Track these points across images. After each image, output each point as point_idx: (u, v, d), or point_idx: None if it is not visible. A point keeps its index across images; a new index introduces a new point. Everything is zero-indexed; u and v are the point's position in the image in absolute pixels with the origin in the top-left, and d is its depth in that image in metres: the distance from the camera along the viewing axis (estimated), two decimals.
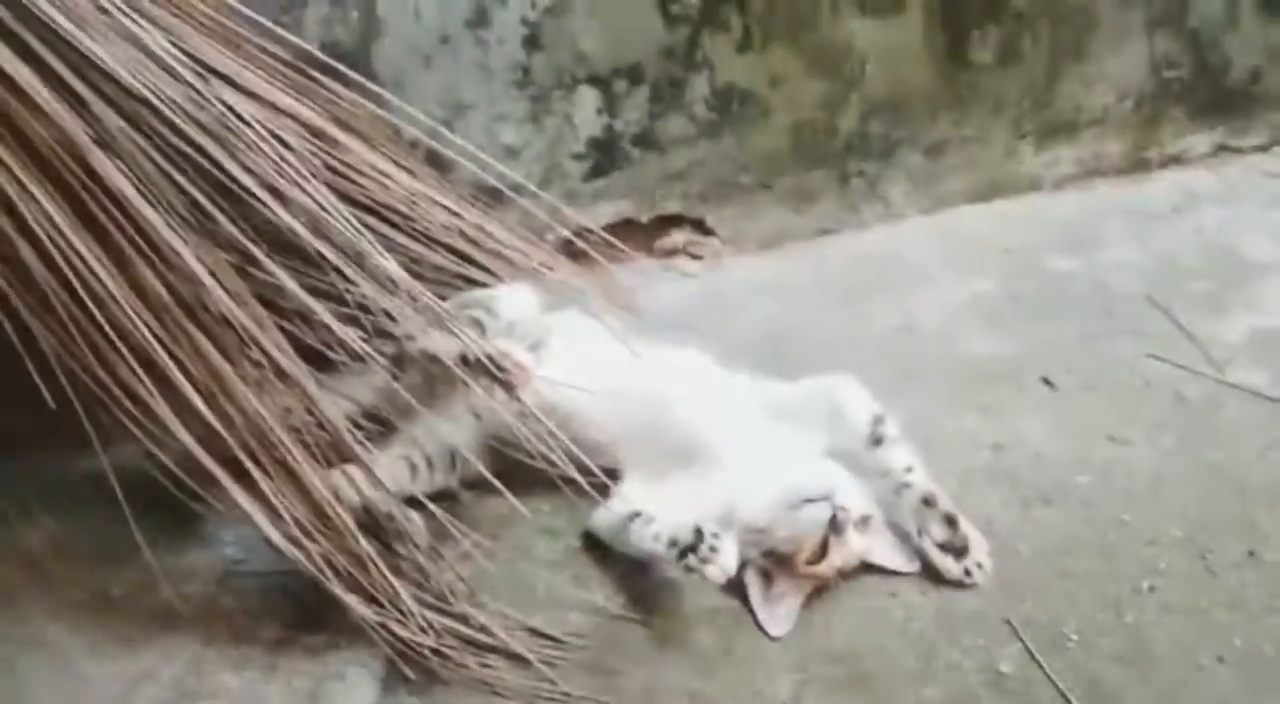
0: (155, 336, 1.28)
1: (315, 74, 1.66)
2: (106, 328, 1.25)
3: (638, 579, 1.49)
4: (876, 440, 1.56)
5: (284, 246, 1.46)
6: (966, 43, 2.25)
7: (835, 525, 1.43)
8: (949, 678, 1.36)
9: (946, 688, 1.35)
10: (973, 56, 2.27)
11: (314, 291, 1.48)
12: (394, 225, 1.73)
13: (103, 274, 1.25)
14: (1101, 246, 2.28)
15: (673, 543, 1.41)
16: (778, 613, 1.45)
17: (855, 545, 1.46)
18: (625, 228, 2.14)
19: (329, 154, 1.61)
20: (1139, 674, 1.35)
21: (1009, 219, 2.40)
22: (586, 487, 1.48)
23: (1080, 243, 2.29)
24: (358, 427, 1.55)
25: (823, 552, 1.43)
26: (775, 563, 1.46)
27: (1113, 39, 2.36)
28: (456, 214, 1.80)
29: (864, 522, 1.48)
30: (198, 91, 1.33)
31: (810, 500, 1.45)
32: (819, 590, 1.47)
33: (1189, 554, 1.53)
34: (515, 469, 1.55)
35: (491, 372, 1.51)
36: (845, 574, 1.48)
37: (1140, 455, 1.71)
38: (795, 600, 1.45)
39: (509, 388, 1.52)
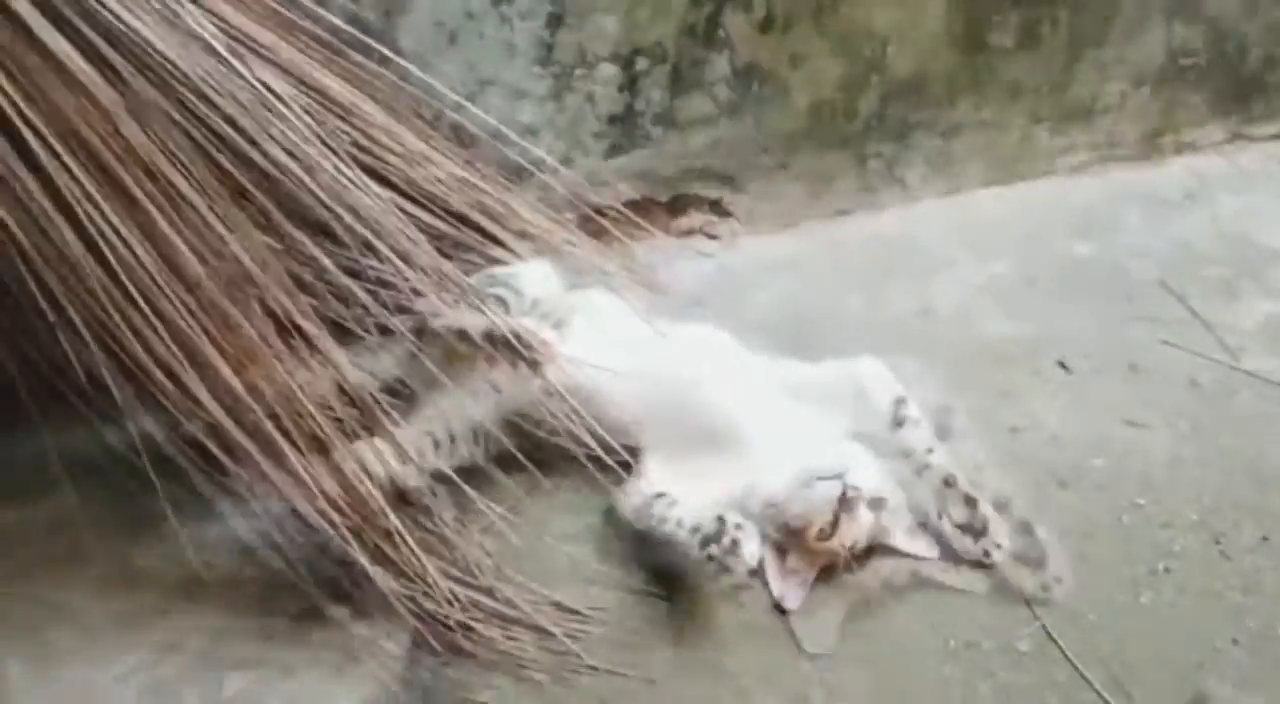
0: (186, 308, 1.28)
1: (342, 48, 1.66)
2: (137, 298, 1.25)
3: (660, 556, 1.50)
4: (899, 422, 1.57)
5: (309, 221, 1.46)
6: (986, 27, 2.24)
7: (845, 502, 1.44)
8: (969, 655, 1.38)
9: (967, 666, 1.37)
10: (992, 41, 2.26)
11: (337, 267, 1.49)
12: (418, 201, 1.73)
13: (134, 244, 1.25)
14: (1117, 232, 2.29)
15: (695, 530, 1.43)
16: (791, 587, 1.47)
17: (866, 524, 1.47)
18: (643, 206, 2.13)
19: (357, 129, 1.61)
20: (1155, 654, 1.37)
21: (1025, 203, 2.40)
22: (610, 464, 1.50)
23: (1096, 228, 2.30)
24: (377, 402, 1.56)
25: (833, 528, 1.45)
26: (789, 538, 1.48)
27: (1131, 26, 2.35)
28: (480, 190, 1.80)
29: (878, 502, 1.49)
30: (230, 64, 1.33)
31: (823, 478, 1.47)
32: (832, 568, 1.49)
33: (1204, 538, 1.55)
34: (536, 446, 1.57)
35: (517, 349, 1.52)
36: (859, 555, 1.49)
37: (1156, 440, 1.73)
38: (808, 576, 1.47)
39: (534, 365, 1.53)
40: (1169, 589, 1.47)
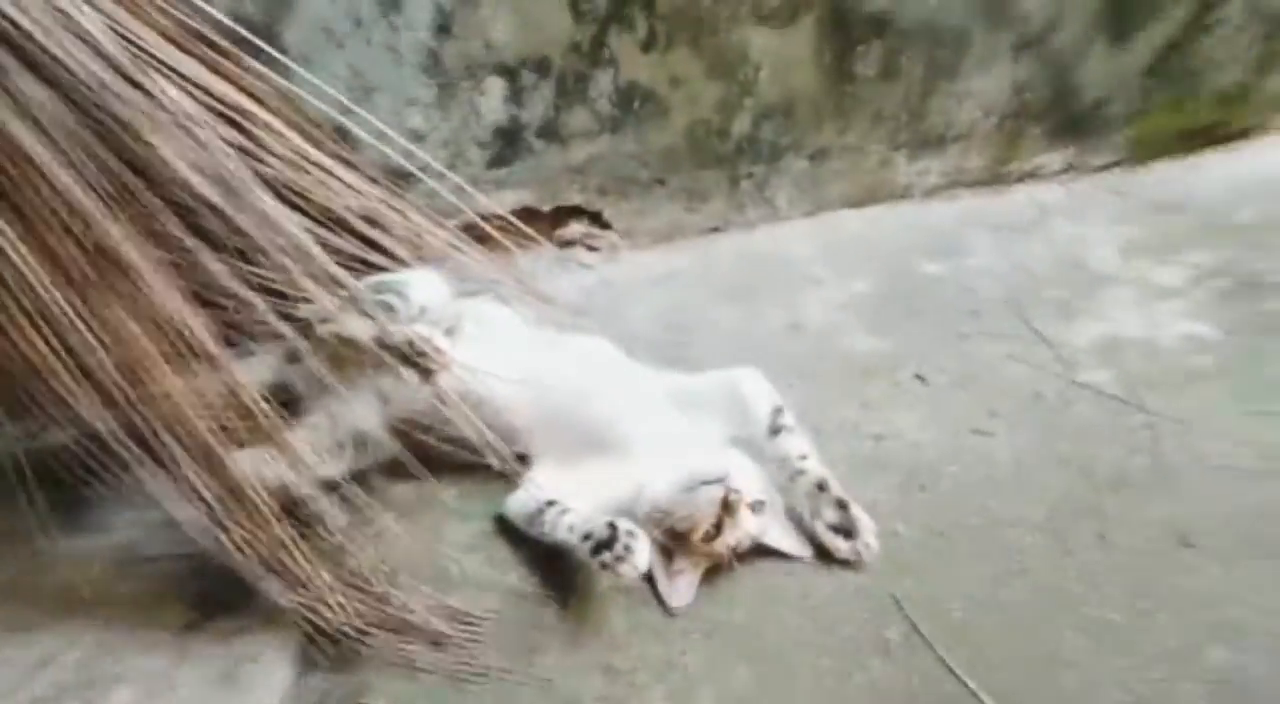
0: (72, 312, 1.24)
1: (226, 46, 1.63)
2: (23, 301, 1.21)
3: (550, 561, 1.54)
4: (775, 430, 1.65)
5: (195, 225, 1.44)
6: (852, 56, 2.38)
7: (728, 505, 1.51)
8: (843, 648, 1.47)
9: (841, 657, 1.45)
10: (857, 70, 2.40)
11: (222, 270, 1.46)
12: (303, 204, 1.71)
13: (20, 247, 1.21)
14: (966, 254, 2.47)
15: (586, 537, 1.47)
16: (678, 587, 1.53)
17: (748, 525, 1.55)
18: (525, 217, 2.17)
19: (244, 132, 1.58)
20: (1009, 642, 1.49)
21: (883, 225, 2.56)
22: (500, 470, 1.53)
23: (948, 250, 2.47)
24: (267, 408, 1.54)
25: (716, 530, 1.51)
26: (674, 540, 1.54)
27: (982, 60, 2.54)
28: (363, 194, 1.80)
29: (758, 505, 1.57)
30: (120, 65, 1.29)
31: (706, 483, 1.53)
32: (716, 568, 1.56)
33: (1048, 536, 1.68)
34: (423, 453, 1.58)
35: (408, 355, 1.53)
36: (740, 554, 1.56)
37: (1002, 446, 1.87)
38: (694, 576, 1.54)
39: (425, 373, 1.54)
40: (1019, 584, 1.59)
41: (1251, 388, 2.04)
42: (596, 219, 2.29)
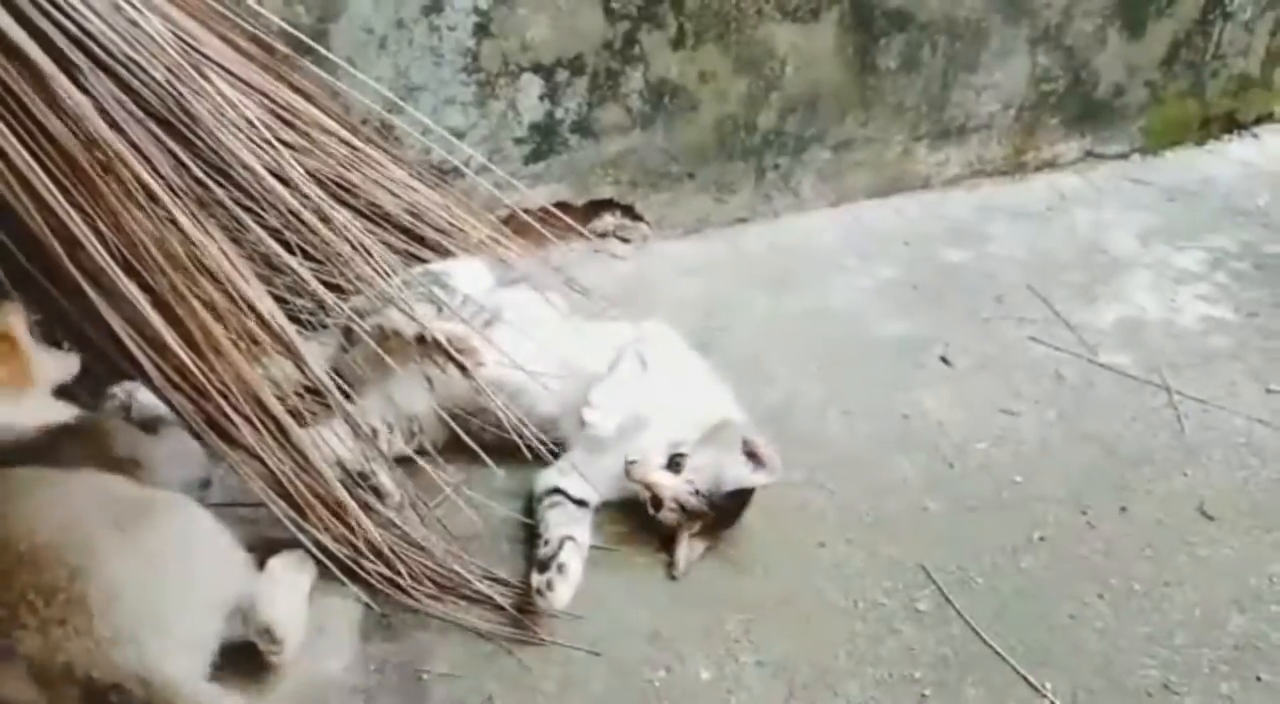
0: (149, 296, 1.32)
1: (279, 47, 1.71)
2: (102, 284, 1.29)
3: (592, 533, 1.61)
4: None
5: (261, 220, 1.51)
6: (874, 50, 2.44)
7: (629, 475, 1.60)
8: (876, 614, 1.54)
9: (874, 623, 1.52)
10: (879, 63, 2.47)
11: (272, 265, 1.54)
12: (352, 197, 1.79)
13: (97, 230, 1.29)
14: (988, 241, 2.53)
15: (545, 543, 1.52)
16: (678, 556, 1.59)
17: (671, 484, 1.59)
18: (559, 210, 2.23)
19: (297, 131, 1.66)
20: (1034, 609, 1.56)
21: (905, 214, 2.62)
22: (542, 454, 1.60)
23: (969, 237, 2.53)
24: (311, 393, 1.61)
25: (655, 504, 1.59)
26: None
27: (1000, 53, 2.60)
28: (408, 189, 1.87)
29: (676, 460, 1.61)
30: (184, 67, 1.37)
31: (629, 462, 1.61)
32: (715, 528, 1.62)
33: (1072, 509, 1.75)
34: (472, 435, 1.64)
35: (448, 351, 1.59)
36: (720, 507, 1.60)
37: (1027, 425, 1.94)
38: (687, 545, 1.60)
39: (462, 369, 1.61)
40: (1045, 554, 1.66)
41: (1270, 368, 2.10)
42: (628, 211, 2.36)
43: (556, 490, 1.62)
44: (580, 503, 1.62)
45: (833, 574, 1.60)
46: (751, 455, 1.60)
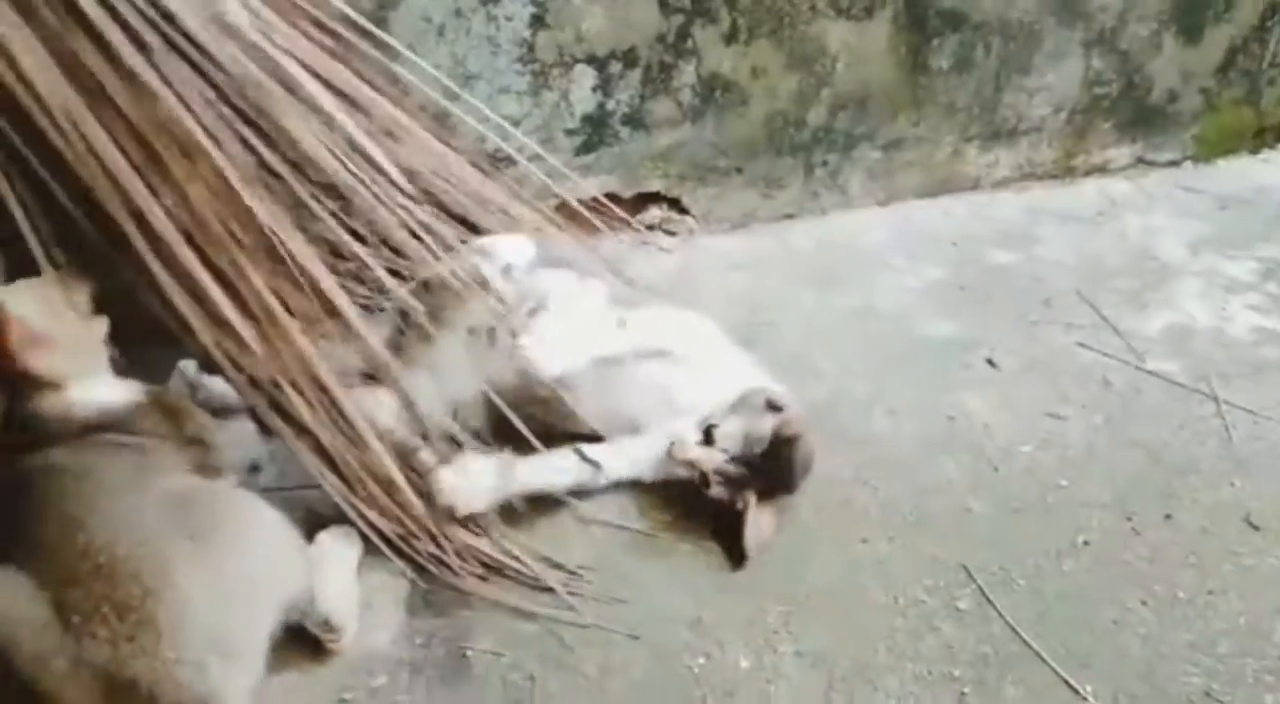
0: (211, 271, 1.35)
1: (343, 32, 1.73)
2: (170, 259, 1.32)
3: (634, 521, 1.63)
4: None
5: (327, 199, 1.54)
6: (927, 49, 2.43)
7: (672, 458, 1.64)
8: (916, 611, 1.54)
9: (915, 620, 1.53)
10: (931, 63, 2.46)
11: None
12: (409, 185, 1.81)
13: (165, 208, 1.32)
14: (1036, 244, 2.51)
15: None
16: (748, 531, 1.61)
17: (710, 457, 1.62)
18: (611, 200, 2.25)
19: (360, 112, 1.69)
20: (1076, 612, 1.55)
21: (953, 214, 2.61)
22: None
23: (1018, 239, 2.52)
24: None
25: (704, 482, 1.62)
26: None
27: (1053, 55, 2.58)
28: (466, 174, 1.89)
29: (709, 432, 1.63)
30: (257, 50, 1.40)
31: None
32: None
33: (1116, 515, 1.74)
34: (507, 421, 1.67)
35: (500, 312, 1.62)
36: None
37: (1074, 430, 1.93)
38: (756, 520, 1.61)
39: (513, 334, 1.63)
40: (1088, 558, 1.65)
41: None
42: (675, 204, 2.37)
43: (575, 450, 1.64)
44: (594, 464, 1.63)
45: (875, 570, 1.61)
46: (770, 406, 1.63)
